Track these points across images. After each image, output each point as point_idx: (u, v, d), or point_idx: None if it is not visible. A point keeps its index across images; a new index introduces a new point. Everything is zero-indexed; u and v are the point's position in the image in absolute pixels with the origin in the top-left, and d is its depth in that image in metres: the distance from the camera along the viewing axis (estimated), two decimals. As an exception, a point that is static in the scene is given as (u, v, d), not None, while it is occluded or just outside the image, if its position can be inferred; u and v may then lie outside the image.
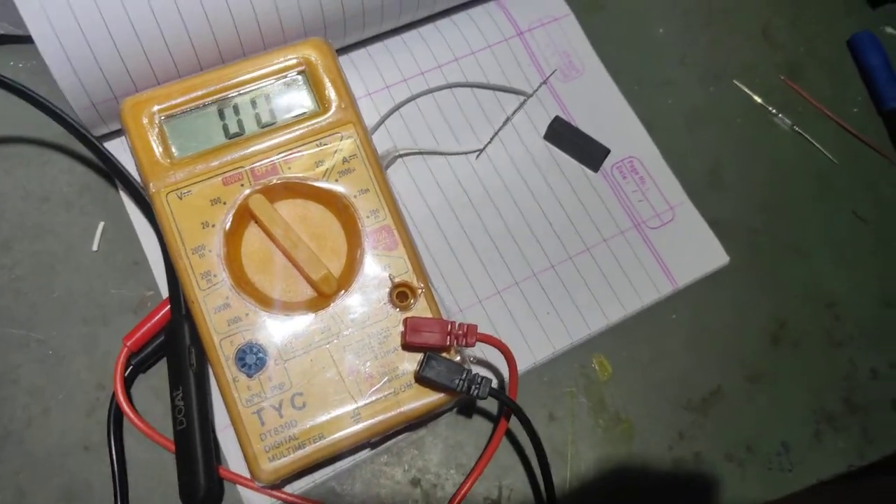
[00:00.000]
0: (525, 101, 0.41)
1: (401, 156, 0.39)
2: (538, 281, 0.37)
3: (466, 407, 0.35)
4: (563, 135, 0.39)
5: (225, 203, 0.32)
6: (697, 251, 0.39)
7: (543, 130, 0.40)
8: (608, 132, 0.40)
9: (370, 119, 0.39)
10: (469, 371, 0.31)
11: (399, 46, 0.41)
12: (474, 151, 0.40)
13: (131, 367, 0.34)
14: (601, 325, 0.37)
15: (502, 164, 0.40)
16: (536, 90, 0.41)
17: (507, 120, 0.40)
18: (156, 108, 0.33)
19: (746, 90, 0.43)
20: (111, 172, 0.36)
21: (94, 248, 0.37)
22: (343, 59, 0.40)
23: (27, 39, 0.39)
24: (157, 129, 0.33)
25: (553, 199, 0.39)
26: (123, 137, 0.37)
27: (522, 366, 0.35)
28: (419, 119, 0.40)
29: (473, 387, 0.30)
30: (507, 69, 0.41)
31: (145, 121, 0.33)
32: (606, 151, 0.38)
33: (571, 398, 0.36)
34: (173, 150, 0.33)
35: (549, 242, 0.38)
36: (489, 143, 0.40)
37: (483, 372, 0.35)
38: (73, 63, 0.32)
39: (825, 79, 0.44)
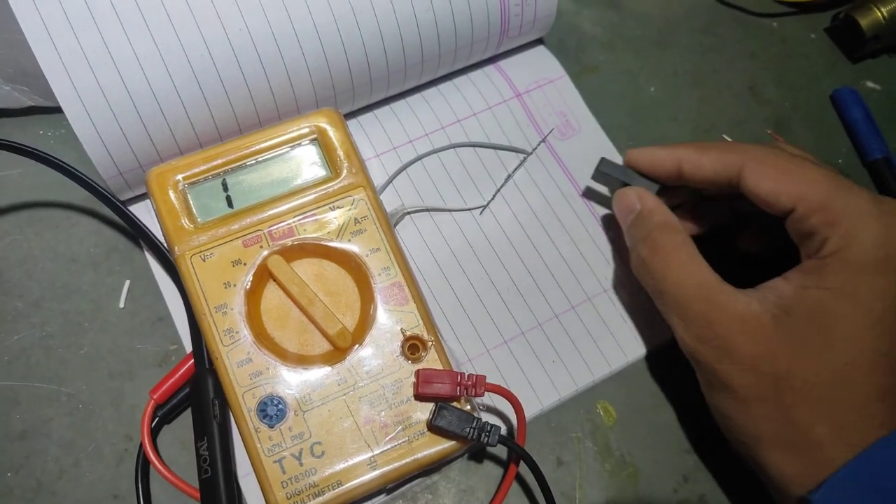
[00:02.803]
0: (525, 158, 0.43)
1: (409, 213, 0.41)
2: (543, 331, 0.39)
3: (477, 453, 0.37)
4: (611, 175, 0.39)
5: (245, 264, 0.35)
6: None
7: (543, 186, 0.42)
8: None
9: (379, 178, 0.41)
10: (479, 419, 0.32)
11: (404, 109, 0.44)
12: (478, 207, 0.42)
13: (157, 418, 0.36)
14: (605, 372, 0.38)
15: (505, 219, 0.42)
16: (535, 148, 0.43)
17: (509, 177, 0.43)
18: (179, 176, 0.36)
19: (735, 144, 0.45)
20: (137, 235, 0.38)
21: (121, 305, 0.39)
22: (352, 123, 0.43)
23: (55, 110, 0.42)
24: (180, 196, 0.35)
25: (555, 252, 0.41)
26: (148, 200, 0.39)
27: (530, 412, 0.37)
28: (425, 177, 0.42)
29: (483, 434, 0.32)
30: (506, 129, 0.44)
31: (170, 189, 0.35)
32: (657, 187, 0.39)
33: (578, 443, 0.37)
34: (196, 215, 0.35)
35: (552, 293, 0.40)
36: (492, 199, 0.42)
37: (492, 419, 0.37)
38: (103, 137, 0.35)
39: (810, 132, 0.46)
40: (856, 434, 0.30)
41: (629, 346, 0.39)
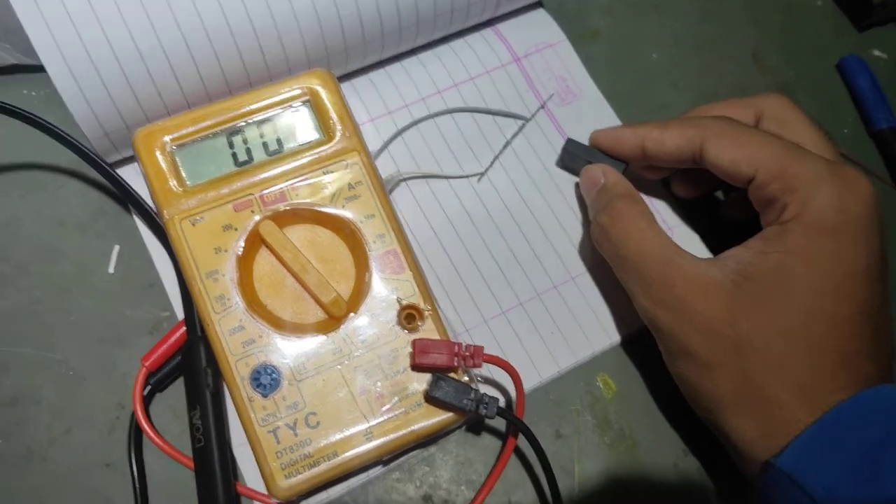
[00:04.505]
0: (524, 125, 0.42)
1: (404, 179, 0.40)
2: (542, 301, 0.38)
3: (475, 425, 0.36)
4: (578, 155, 0.40)
5: (236, 229, 0.34)
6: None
7: (542, 153, 0.42)
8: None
9: (373, 144, 0.40)
10: (477, 391, 0.32)
11: (399, 73, 0.42)
12: (476, 175, 0.41)
13: (149, 386, 0.35)
14: (605, 344, 0.38)
15: (503, 186, 0.41)
16: (534, 114, 0.42)
17: (507, 144, 0.42)
18: (167, 138, 0.34)
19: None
20: (125, 199, 0.37)
21: (111, 270, 0.38)
22: (345, 86, 0.41)
23: (39, 69, 0.41)
24: (169, 159, 0.34)
25: (554, 221, 0.40)
26: (135, 164, 0.38)
27: (529, 385, 0.36)
28: (421, 143, 0.41)
29: (482, 406, 0.32)
30: (505, 94, 0.43)
31: (157, 150, 0.34)
32: (624, 166, 0.39)
33: (577, 416, 0.37)
34: (185, 178, 0.34)
35: (551, 263, 0.39)
36: (490, 166, 0.41)
37: (490, 390, 0.36)
38: (87, 97, 0.33)
39: (815, 101, 0.46)
40: (817, 397, 0.30)
41: (629, 318, 0.38)
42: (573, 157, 0.40)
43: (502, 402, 0.34)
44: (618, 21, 0.47)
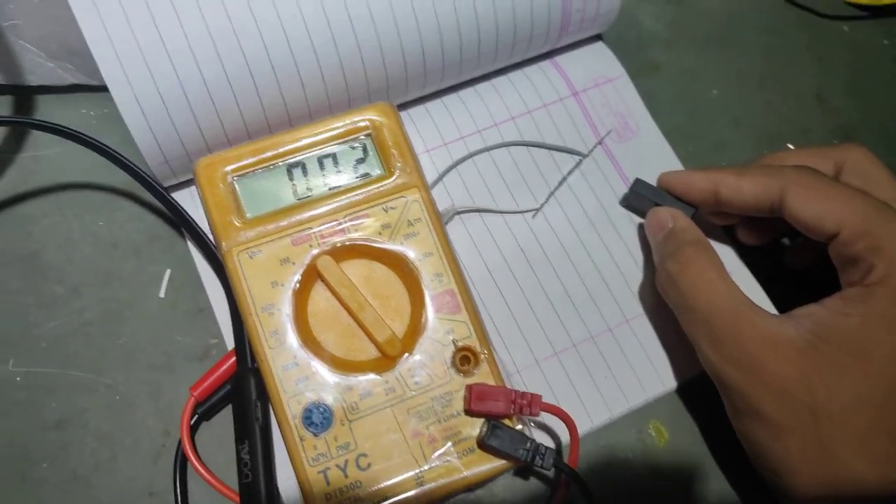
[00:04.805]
0: (581, 161, 0.41)
1: (459, 213, 0.40)
2: (595, 344, 0.38)
3: (524, 469, 0.36)
4: (646, 196, 0.39)
5: (294, 263, 0.33)
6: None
7: (598, 190, 0.41)
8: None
9: (429, 175, 0.40)
10: (533, 441, 0.31)
11: (456, 104, 0.42)
12: (531, 210, 0.40)
13: (196, 415, 0.35)
14: (659, 390, 0.37)
15: (559, 223, 0.40)
16: (592, 150, 0.42)
17: (563, 180, 0.41)
18: (228, 168, 0.34)
19: (800, 154, 0.44)
20: (181, 224, 0.37)
21: (161, 295, 0.38)
22: (402, 115, 0.41)
23: (99, 88, 0.41)
24: (229, 190, 0.34)
25: (609, 261, 0.39)
26: (190, 187, 0.38)
27: (580, 430, 0.36)
28: (476, 176, 0.41)
29: (538, 457, 0.31)
30: (562, 128, 0.42)
31: (218, 181, 0.34)
32: (693, 210, 0.38)
33: (628, 464, 0.36)
34: (245, 210, 0.34)
35: (606, 304, 0.39)
36: (545, 202, 0.40)
37: (539, 433, 0.35)
38: (151, 125, 0.33)
39: (881, 145, 0.44)
40: None
41: (684, 365, 0.38)
42: (640, 198, 0.39)
43: (553, 444, 0.33)
44: (679, 55, 0.46)
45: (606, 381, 0.37)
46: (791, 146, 0.44)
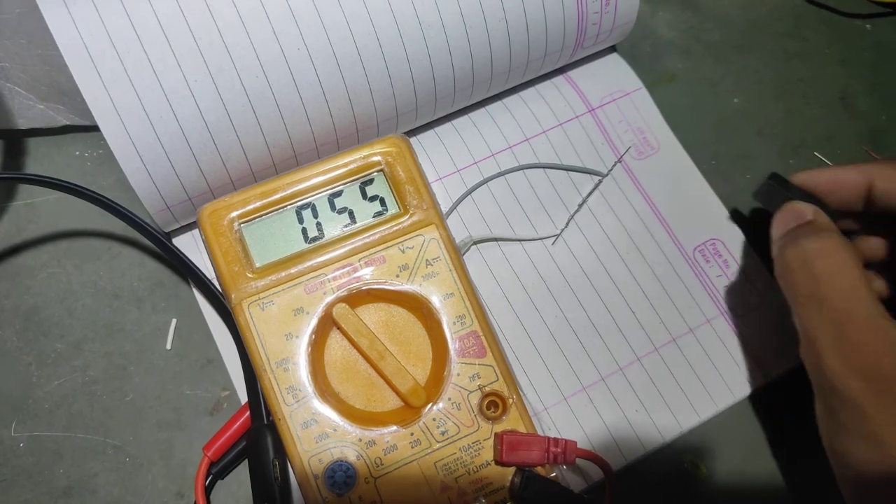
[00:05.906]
0: (600, 181, 0.40)
1: (476, 243, 0.38)
2: (624, 376, 0.36)
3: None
4: (782, 190, 0.34)
5: (308, 313, 0.31)
6: (789, 339, 0.37)
7: (620, 211, 0.39)
8: (687, 212, 0.39)
9: (442, 204, 0.38)
10: (570, 492, 0.29)
11: (468, 126, 0.40)
12: (550, 237, 0.38)
13: (211, 476, 0.33)
14: (693, 422, 0.35)
15: (580, 249, 0.38)
16: (611, 169, 0.40)
17: (583, 202, 0.39)
18: (234, 214, 0.32)
19: (828, 163, 0.42)
20: (186, 273, 0.35)
21: (168, 346, 0.36)
22: (412, 142, 0.39)
23: (92, 128, 0.39)
24: (236, 237, 0.32)
25: (635, 286, 0.38)
26: (195, 230, 0.36)
27: (614, 466, 0.34)
28: (492, 203, 0.39)
29: (576, 510, 0.29)
30: (579, 147, 0.40)
31: (224, 229, 0.32)
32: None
33: (664, 502, 0.34)
34: (253, 258, 0.32)
35: (633, 333, 0.37)
36: (565, 227, 0.38)
37: (570, 476, 0.34)
38: (150, 171, 0.31)
39: (910, 149, 0.43)
40: None
41: (719, 394, 0.36)
42: (771, 194, 0.35)
43: (585, 482, 0.31)
44: (696, 64, 0.44)
45: (638, 414, 0.35)
46: (818, 154, 0.42)
